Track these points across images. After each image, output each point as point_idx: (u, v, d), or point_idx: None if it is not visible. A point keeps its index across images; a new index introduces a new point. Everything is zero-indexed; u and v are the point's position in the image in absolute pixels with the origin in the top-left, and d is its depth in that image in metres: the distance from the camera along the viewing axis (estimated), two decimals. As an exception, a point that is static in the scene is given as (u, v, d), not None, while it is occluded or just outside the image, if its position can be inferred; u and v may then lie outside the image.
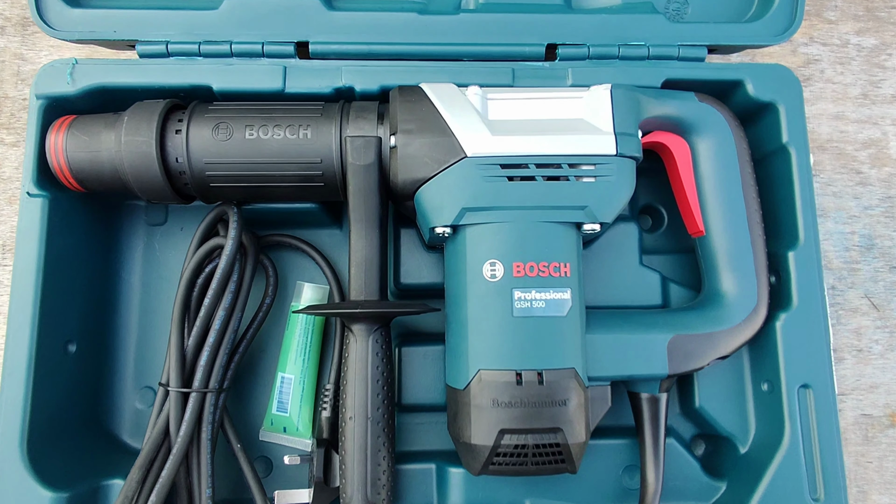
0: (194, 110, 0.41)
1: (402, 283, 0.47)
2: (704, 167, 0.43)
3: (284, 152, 0.40)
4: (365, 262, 0.40)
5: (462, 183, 0.38)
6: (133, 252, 0.49)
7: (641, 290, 0.46)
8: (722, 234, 0.42)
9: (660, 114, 0.42)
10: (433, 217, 0.39)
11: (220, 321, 0.42)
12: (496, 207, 0.38)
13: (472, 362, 0.37)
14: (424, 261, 0.47)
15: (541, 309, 0.37)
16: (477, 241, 0.38)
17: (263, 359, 0.48)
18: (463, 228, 0.39)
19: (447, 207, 0.38)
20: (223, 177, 0.41)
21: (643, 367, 0.40)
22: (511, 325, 0.37)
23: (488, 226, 0.38)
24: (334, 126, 0.40)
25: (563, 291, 0.38)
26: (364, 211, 0.40)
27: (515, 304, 0.37)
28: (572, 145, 0.38)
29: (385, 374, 0.40)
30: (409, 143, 0.39)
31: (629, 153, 0.39)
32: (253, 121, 0.41)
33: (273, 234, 0.48)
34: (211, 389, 0.42)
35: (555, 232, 0.38)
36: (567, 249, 0.38)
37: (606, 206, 0.38)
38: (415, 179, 0.39)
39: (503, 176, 0.38)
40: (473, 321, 0.38)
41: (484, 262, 0.38)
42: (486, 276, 0.37)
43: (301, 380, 0.46)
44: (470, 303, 0.38)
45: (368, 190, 0.40)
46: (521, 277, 0.37)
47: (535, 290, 0.37)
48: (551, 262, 0.37)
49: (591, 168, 0.39)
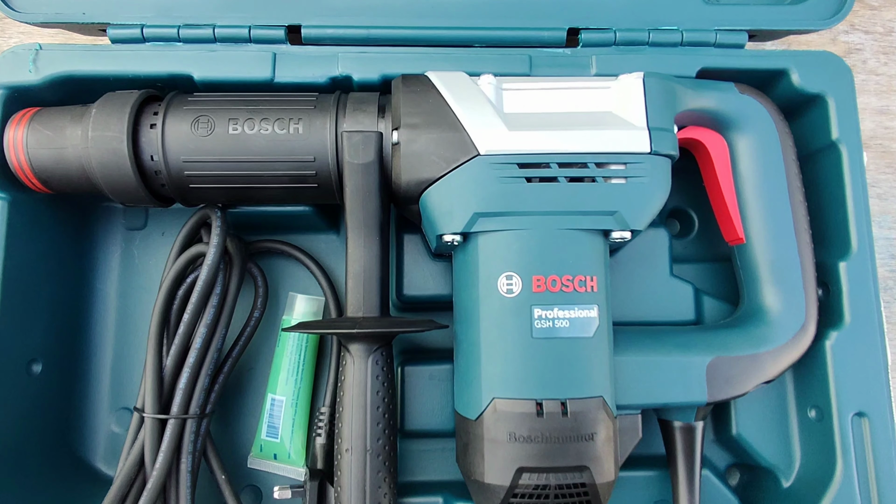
0: (171, 102, 0.36)
1: (406, 295, 0.42)
2: (745, 167, 0.38)
3: (273, 149, 0.36)
4: (363, 273, 0.36)
5: (474, 184, 0.33)
6: (109, 259, 0.44)
7: (672, 304, 0.41)
8: (765, 242, 0.38)
9: (696, 107, 0.37)
10: (441, 223, 0.34)
11: (202, 339, 0.38)
12: (513, 213, 0.33)
13: (485, 389, 0.33)
14: (430, 270, 0.42)
15: (564, 329, 0.32)
16: (491, 250, 0.33)
17: (253, 378, 0.44)
18: (475, 236, 0.34)
19: (457, 212, 0.33)
20: (204, 177, 0.36)
21: (679, 393, 0.35)
22: (530, 347, 0.32)
23: (504, 233, 0.33)
24: (329, 120, 0.36)
25: (590, 309, 0.33)
26: (362, 216, 0.36)
27: (535, 323, 0.32)
28: (600, 141, 0.34)
29: (386, 399, 0.36)
30: (413, 140, 0.34)
31: (664, 151, 0.34)
32: (237, 114, 0.36)
33: (262, 240, 0.44)
34: (191, 415, 0.38)
35: (580, 241, 0.33)
36: (594, 260, 0.34)
37: (639, 210, 0.34)
38: (420, 180, 0.34)
39: (521, 177, 0.33)
40: (487, 343, 0.33)
41: (499, 274, 0.33)
42: (502, 290, 0.33)
43: (293, 402, 0.42)
44: (483, 322, 0.33)
45: (367, 192, 0.35)
46: (541, 293, 0.32)
47: (558, 307, 0.32)
48: (576, 276, 0.33)
49: (622, 168, 0.34)
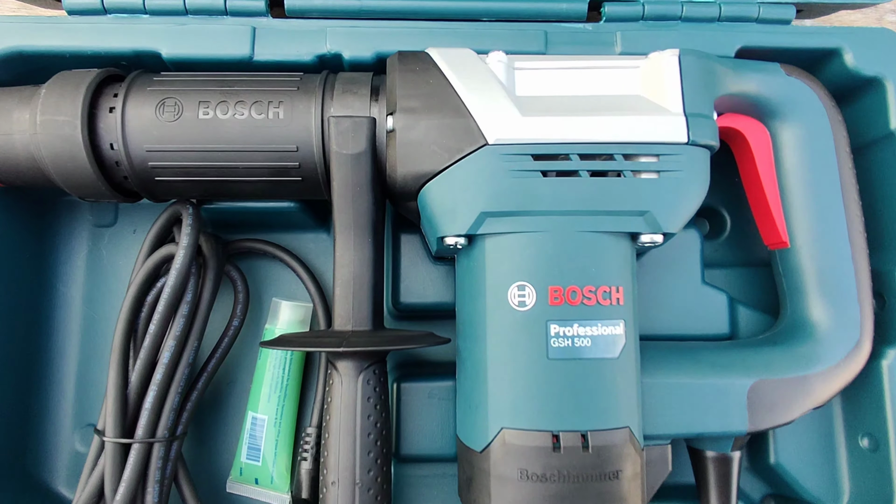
0: (134, 82, 0.32)
1: (403, 302, 0.37)
2: (790, 160, 0.33)
3: (249, 137, 0.31)
4: (353, 280, 0.31)
5: (481, 179, 0.29)
6: (73, 260, 0.40)
7: (704, 315, 0.36)
8: (812, 246, 0.33)
9: (736, 91, 0.32)
10: (442, 223, 0.29)
11: (171, 353, 0.33)
12: (526, 212, 0.28)
13: (492, 417, 0.28)
14: (431, 275, 0.38)
15: (585, 349, 0.28)
16: (501, 256, 0.29)
17: (233, 393, 0.39)
18: (482, 239, 0.29)
19: (461, 211, 0.29)
20: (171, 168, 0.32)
21: (716, 422, 0.30)
22: (546, 370, 0.28)
23: (516, 236, 0.29)
24: (314, 104, 0.31)
25: (615, 325, 0.28)
26: (352, 214, 0.31)
27: (552, 342, 0.28)
28: (628, 129, 0.29)
29: (378, 424, 0.31)
30: (411, 126, 0.29)
31: (703, 140, 0.29)
32: (209, 96, 0.31)
33: (243, 240, 0.39)
34: (159, 439, 0.33)
35: (604, 245, 0.29)
36: (619, 269, 0.29)
37: (673, 210, 0.29)
38: (418, 174, 0.29)
39: (536, 170, 0.29)
40: (494, 363, 0.28)
41: (509, 284, 0.28)
42: (513, 303, 0.28)
43: (276, 421, 0.37)
44: (490, 339, 0.28)
45: (358, 187, 0.31)
46: (559, 307, 0.28)
47: (579, 323, 0.28)
48: (600, 286, 0.28)
49: (654, 160, 0.29)
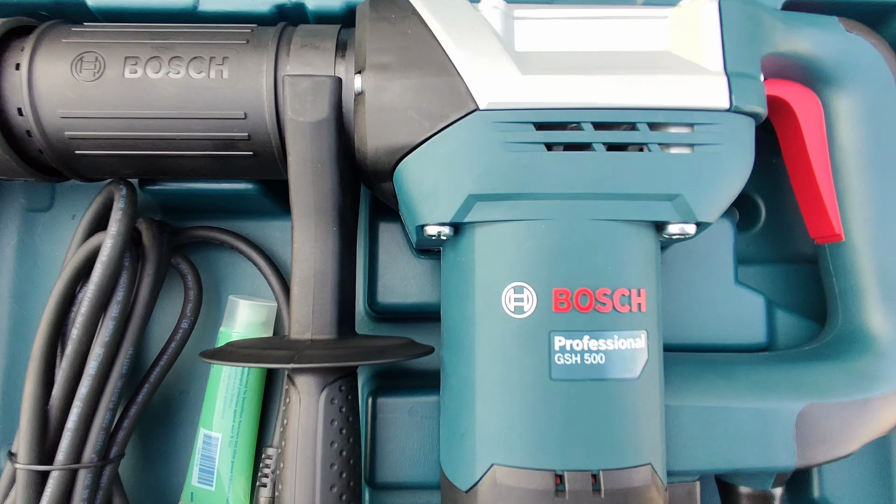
0: (46, 34, 0.26)
1: (380, 303, 0.32)
2: (847, 136, 0.28)
3: (187, 102, 0.25)
4: (314, 277, 0.25)
5: (470, 153, 0.23)
6: (1, 248, 0.34)
7: (737, 321, 0.30)
8: (873, 240, 0.27)
9: (785, 50, 0.26)
10: (423, 209, 0.24)
11: (98, 362, 0.28)
12: (526, 195, 0.23)
13: (481, 451, 0.23)
14: (413, 270, 0.32)
15: (598, 367, 0.22)
16: (493, 250, 0.23)
17: (185, 405, 0.34)
18: (470, 228, 0.24)
19: (445, 193, 0.23)
20: (93, 140, 0.26)
21: (757, 455, 0.25)
22: (548, 393, 0.22)
23: (512, 225, 0.23)
24: (266, 60, 0.25)
25: (635, 337, 0.23)
26: (313, 197, 0.25)
27: (556, 358, 0.22)
28: (655, 92, 0.23)
29: (344, 452, 0.26)
30: (383, 87, 0.24)
31: (749, 106, 0.23)
32: (138, 51, 0.25)
33: (195, 228, 0.33)
34: (86, 464, 0.28)
35: (623, 237, 0.23)
36: (642, 266, 0.23)
37: (709, 194, 0.23)
38: (393, 147, 0.24)
39: (538, 142, 0.23)
40: (484, 384, 0.23)
41: (504, 285, 0.23)
42: (508, 309, 0.22)
43: (232, 440, 0.32)
44: (479, 353, 0.23)
45: (320, 163, 0.25)
46: (565, 314, 0.22)
47: (590, 335, 0.22)
48: (617, 289, 0.22)
49: (686, 131, 0.23)
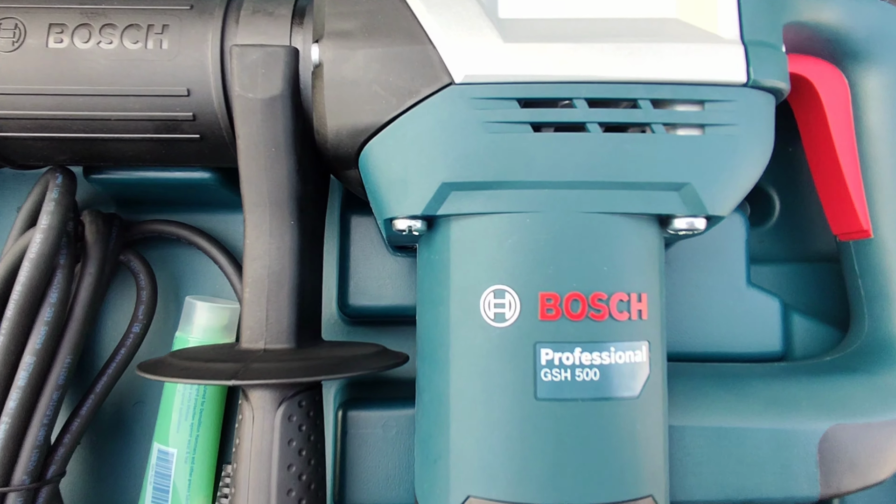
0: (-39, -3, 0.23)
1: (352, 305, 0.29)
2: (878, 121, 0.24)
3: (121, 76, 0.22)
4: (269, 278, 0.22)
5: (444, 134, 0.19)
6: (-64, 245, 0.31)
7: (750, 327, 0.27)
8: (905, 237, 0.24)
9: (810, 19, 0.23)
10: (391, 199, 0.20)
11: (29, 372, 0.25)
12: (509, 183, 0.19)
13: (456, 480, 0.19)
14: (389, 269, 0.29)
15: (592, 385, 0.19)
16: (470, 246, 0.20)
17: (141, 417, 0.31)
18: (445, 222, 0.20)
19: (416, 181, 0.20)
20: (15, 121, 0.23)
21: (775, 483, 0.22)
22: (533, 416, 0.19)
23: (493, 219, 0.20)
24: (212, 28, 0.22)
25: (636, 349, 0.19)
26: (267, 186, 0.22)
27: (542, 374, 0.19)
28: (660, 63, 0.20)
29: (304, 477, 0.23)
30: (345, 58, 0.20)
31: (769, 80, 0.20)
32: (65, 17, 0.22)
33: (149, 222, 0.30)
34: (16, 486, 0.25)
35: (622, 233, 0.20)
36: (643, 266, 0.20)
37: (723, 183, 0.20)
38: (356, 128, 0.20)
39: (524, 122, 0.20)
40: (460, 403, 0.20)
41: (483, 289, 0.19)
42: (487, 316, 0.19)
43: (189, 455, 0.29)
44: (455, 367, 0.20)
45: (274, 147, 0.22)
46: (553, 321, 0.19)
47: (582, 346, 0.19)
48: (614, 293, 0.19)
49: (696, 109, 0.20)
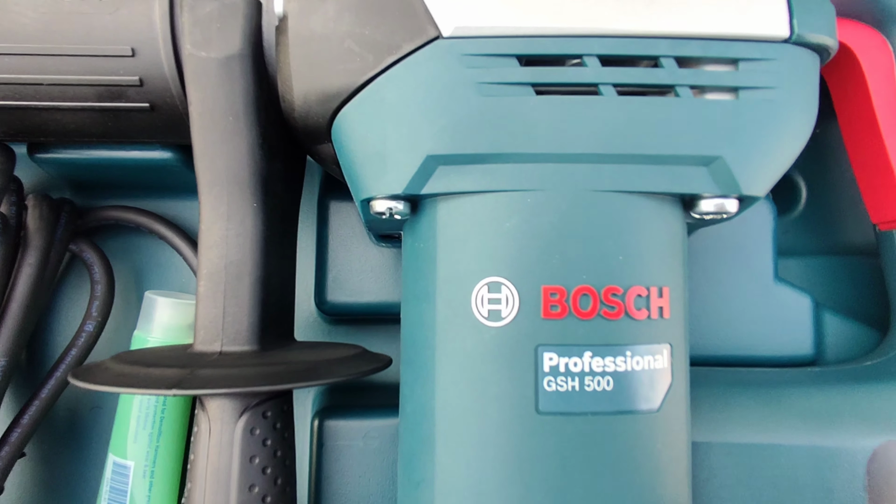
0: None
1: (330, 301, 0.26)
2: (927, 90, 0.21)
3: (53, 33, 0.19)
4: (226, 269, 0.19)
5: (429, 98, 0.16)
6: None
7: (778, 328, 0.24)
8: (959, 224, 0.21)
9: (853, -28, 0.20)
10: (368, 176, 0.17)
11: (-43, 376, 0.22)
12: (505, 156, 0.16)
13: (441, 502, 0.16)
14: (372, 261, 0.26)
15: (604, 396, 0.16)
16: (461, 232, 0.17)
17: (98, 423, 0.28)
18: (432, 203, 0.17)
19: (396, 154, 0.17)
20: (-67, 84, 0.20)
21: (815, 510, 0.19)
22: (534, 432, 0.16)
23: (486, 199, 0.16)
24: (161, -24, 0.19)
25: (655, 353, 0.16)
26: (224, 160, 0.19)
27: (545, 383, 0.16)
28: (686, 15, 0.17)
29: (269, 498, 0.20)
30: (313, 9, 0.17)
31: (815, 36, 0.17)
32: (-11, -37, 0.19)
33: (105, 208, 0.27)
34: (-57, 506, 0.22)
35: (640, 216, 0.17)
36: (665, 256, 0.17)
37: (760, 157, 0.17)
38: (327, 91, 0.17)
39: (525, 83, 0.16)
40: (447, 416, 0.16)
41: (475, 281, 0.16)
42: (480, 313, 0.16)
43: (147, 468, 0.26)
44: (441, 373, 0.17)
45: (231, 115, 0.19)
46: (559, 321, 0.16)
47: (593, 350, 0.16)
48: (630, 287, 0.16)
49: (729, 69, 0.17)
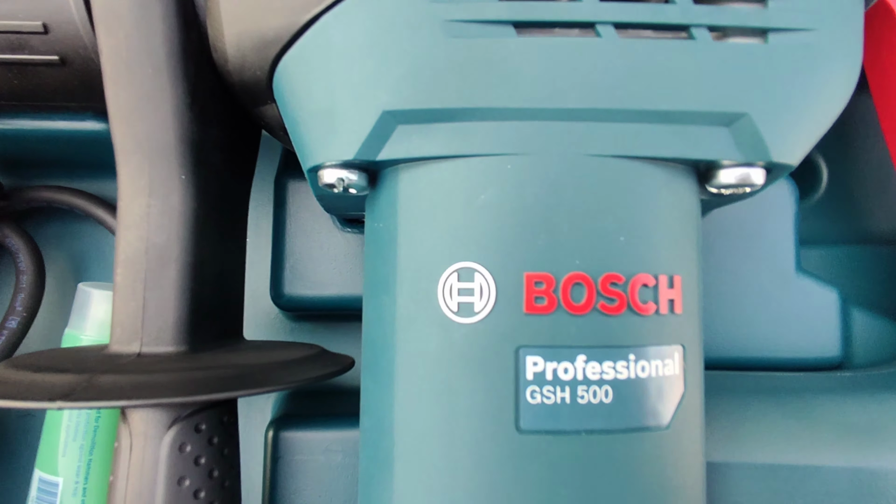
0: None
1: (289, 295, 0.22)
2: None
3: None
4: (147, 254, 0.16)
5: (386, 40, 0.13)
6: None
7: (800, 326, 0.21)
8: None
9: None
10: (314, 139, 0.14)
11: None
12: (480, 111, 0.13)
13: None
14: (336, 249, 0.23)
15: (601, 412, 0.13)
16: (425, 207, 0.14)
17: (28, 434, 0.25)
18: (392, 173, 0.14)
19: (346, 111, 0.13)
20: None
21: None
22: (513, 455, 0.13)
23: (457, 166, 0.13)
24: None
25: (664, 357, 0.13)
26: (143, 124, 0.16)
27: (527, 394, 0.13)
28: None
29: (202, 528, 0.16)
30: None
31: (861, -30, 0.14)
32: None
33: (34, 188, 0.24)
34: None
35: (646, 187, 0.13)
36: (676, 238, 0.14)
37: (794, 115, 0.14)
38: (264, 36, 0.14)
39: (503, 21, 0.13)
40: (408, 432, 0.13)
41: (442, 268, 0.13)
42: (446, 306, 0.13)
43: (78, 486, 0.23)
44: (401, 379, 0.13)
45: (151, 68, 0.15)
46: (545, 316, 0.13)
47: (587, 353, 0.13)
48: (634, 275, 0.13)
49: (756, 7, 0.14)
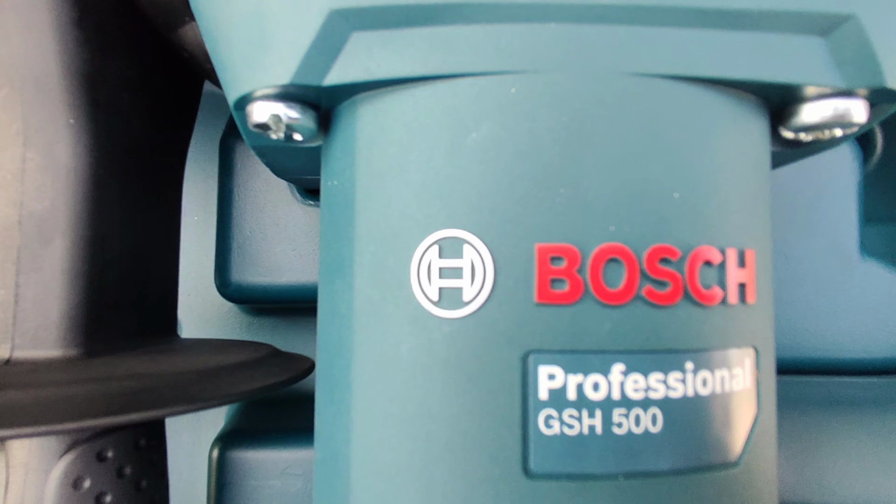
0: None
1: (237, 282, 0.18)
2: None
3: None
4: (21, 225, 0.12)
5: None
6: None
7: (865, 318, 0.17)
8: None
9: None
10: (239, 59, 0.10)
11: None
12: (466, 6, 0.09)
13: None
14: (295, 226, 0.19)
15: (647, 446, 0.09)
16: (393, 152, 0.10)
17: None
18: (349, 109, 0.10)
19: (279, 16, 0.09)
20: None
21: None
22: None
23: (435, 90, 0.09)
24: None
25: (733, 365, 0.09)
26: (14, 46, 0.12)
27: (540, 421, 0.09)
28: None
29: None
30: None
31: None
32: None
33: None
34: None
35: (707, 122, 0.09)
36: (747, 197, 0.10)
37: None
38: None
39: None
40: (368, 470, 0.09)
41: (418, 238, 0.09)
42: (423, 293, 0.09)
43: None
44: (358, 394, 0.09)
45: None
46: (564, 307, 0.09)
47: (626, 361, 0.09)
48: (693, 248, 0.09)
49: None
